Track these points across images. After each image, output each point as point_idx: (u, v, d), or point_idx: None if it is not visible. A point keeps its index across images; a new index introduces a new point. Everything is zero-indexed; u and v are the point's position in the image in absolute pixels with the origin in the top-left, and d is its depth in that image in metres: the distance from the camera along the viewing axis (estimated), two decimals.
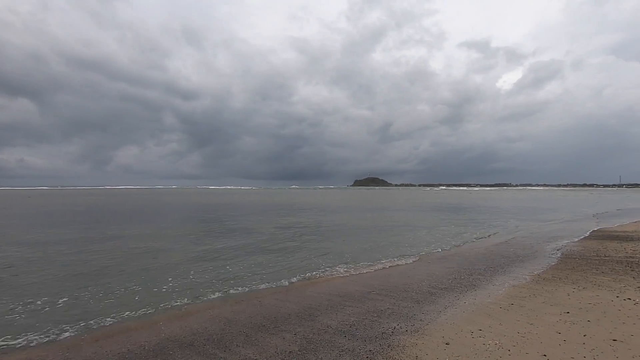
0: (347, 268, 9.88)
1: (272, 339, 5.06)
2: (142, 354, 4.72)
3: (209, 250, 12.41)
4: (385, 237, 16.00)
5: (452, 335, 4.94)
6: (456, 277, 8.44)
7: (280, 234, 16.94)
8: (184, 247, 13.09)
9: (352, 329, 5.37)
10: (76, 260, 10.75)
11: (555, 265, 9.47)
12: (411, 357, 4.35)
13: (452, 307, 6.28)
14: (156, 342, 5.08)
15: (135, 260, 10.74)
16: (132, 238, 15.34)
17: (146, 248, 12.88)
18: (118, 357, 4.65)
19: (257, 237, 15.83)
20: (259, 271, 9.48)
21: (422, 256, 11.48)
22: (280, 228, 19.27)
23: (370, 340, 4.91)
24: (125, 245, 13.40)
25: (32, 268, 9.79)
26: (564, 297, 6.58)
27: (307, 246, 13.41)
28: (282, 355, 4.56)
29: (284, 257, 11.32)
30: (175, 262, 10.60)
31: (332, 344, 4.86)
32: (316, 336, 5.14)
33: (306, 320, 5.84)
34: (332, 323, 5.65)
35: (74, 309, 6.62)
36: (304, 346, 4.81)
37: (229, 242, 14.36)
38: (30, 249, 12.74)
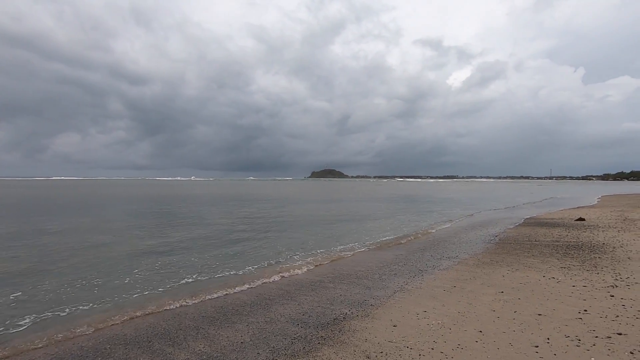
0: (302, 257, 9.95)
1: (223, 331, 4.98)
2: (82, 354, 4.41)
3: (158, 244, 11.84)
4: (341, 227, 16.33)
5: (400, 318, 5.19)
6: (406, 264, 8.85)
7: (235, 225, 16.60)
8: (129, 242, 12.35)
9: (304, 317, 5.43)
10: (4, 257, 9.71)
11: (494, 249, 10.28)
12: (361, 340, 4.50)
13: (400, 291, 6.58)
14: (98, 341, 4.77)
15: (73, 257, 9.94)
16: (70, 232, 14.17)
17: (86, 243, 11.96)
18: (51, 358, 4.30)
19: (210, 229, 15.38)
20: (212, 263, 9.24)
21: (374, 244, 11.88)
22: (235, 220, 18.87)
23: (323, 327, 5.01)
24: (62, 240, 12.34)
25: None
26: (500, 278, 7.17)
27: (263, 237, 13.29)
28: (235, 345, 4.50)
29: (239, 249, 11.12)
30: (118, 257, 9.98)
31: (285, 332, 4.88)
32: (269, 325, 5.14)
33: (260, 310, 5.81)
34: (286, 312, 5.68)
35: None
36: (256, 335, 4.79)
37: (180, 235, 13.81)
38: None
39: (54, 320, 5.59)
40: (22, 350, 4.56)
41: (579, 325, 4.70)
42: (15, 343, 4.81)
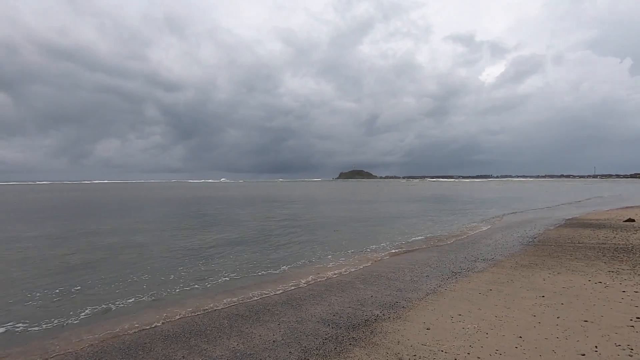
0: (333, 258, 9.95)
1: (256, 329, 5.07)
2: (125, 347, 4.65)
3: (193, 245, 12.26)
4: (371, 228, 16.17)
5: (433, 321, 5.06)
6: (438, 265, 8.62)
7: (267, 226, 16.88)
8: (166, 242, 12.89)
9: (335, 318, 5.43)
10: (48, 258, 10.43)
11: (533, 252, 9.78)
12: (393, 342, 4.43)
13: (433, 293, 6.42)
14: (139, 335, 5.01)
15: (116, 256, 10.51)
16: (112, 233, 14.99)
17: (128, 243, 12.61)
18: (96, 353, 4.56)
19: (242, 230, 15.73)
20: (244, 263, 9.44)
21: (405, 245, 11.66)
22: (266, 221, 19.19)
23: (354, 328, 4.98)
24: (105, 240, 13.09)
25: (6, 266, 9.45)
26: (540, 282, 6.81)
27: (294, 238, 13.42)
28: (267, 344, 4.57)
29: (270, 249, 11.30)
30: (157, 256, 10.43)
31: (316, 332, 4.90)
32: (300, 325, 5.18)
33: (291, 309, 5.87)
34: (316, 312, 5.70)
35: (45, 309, 6.45)
36: (288, 334, 4.84)
37: (214, 235, 14.22)
38: (4, 245, 12.29)
39: (101, 315, 5.93)
40: (71, 343, 4.87)
41: (631, 333, 4.37)
42: (67, 334, 5.14)
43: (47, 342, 4.91)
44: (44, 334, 5.22)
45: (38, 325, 5.52)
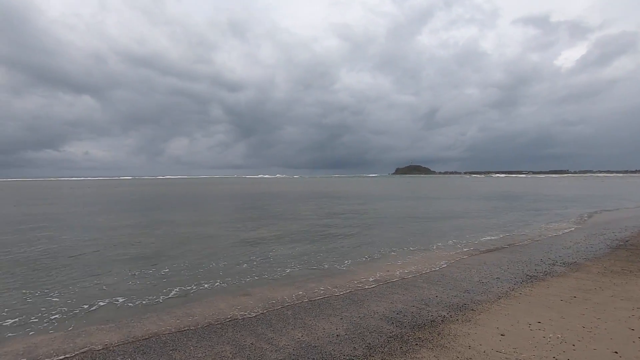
0: (394, 256, 9.73)
1: (319, 323, 5.13)
2: (198, 329, 5.00)
3: (256, 236, 12.83)
4: (432, 225, 15.53)
5: (508, 327, 4.69)
6: (509, 267, 7.98)
7: (324, 221, 17.06)
8: (230, 233, 13.65)
9: (399, 316, 5.29)
10: (133, 245, 11.62)
11: (625, 256, 8.61)
12: (463, 346, 4.19)
13: (506, 297, 5.96)
14: (212, 320, 5.36)
15: (187, 245, 11.39)
16: (182, 224, 16.28)
17: (196, 233, 13.61)
18: (173, 334, 4.97)
19: (301, 224, 16.09)
20: (304, 257, 9.63)
21: (472, 244, 10.98)
22: (324, 216, 19.41)
23: (419, 328, 4.81)
24: (177, 231, 14.25)
25: (97, 249, 10.75)
26: (637, 291, 5.97)
27: (352, 233, 13.40)
28: (330, 337, 4.60)
29: (328, 244, 11.40)
30: (224, 247, 11.08)
31: (380, 329, 4.82)
32: (363, 321, 5.13)
33: (353, 305, 5.85)
34: (379, 309, 5.61)
35: (131, 291, 7.18)
36: (351, 330, 4.82)
37: (276, 228, 14.74)
38: (96, 233, 13.99)
39: (178, 298, 6.46)
40: (154, 323, 5.37)
41: None
42: (151, 315, 5.69)
43: (135, 319, 5.48)
44: (133, 311, 5.82)
45: (130, 302, 6.18)
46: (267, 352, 4.27)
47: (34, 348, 4.56)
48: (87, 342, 4.69)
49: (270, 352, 4.25)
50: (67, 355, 4.33)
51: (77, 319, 5.57)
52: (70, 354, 4.34)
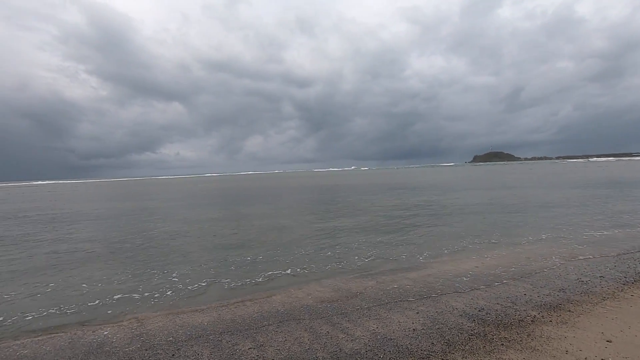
0: (474, 249, 9.14)
1: (394, 315, 5.07)
2: (278, 315, 5.31)
3: (329, 228, 13.10)
4: (519, 217, 14.17)
5: (616, 333, 4.09)
6: (618, 264, 6.93)
7: (397, 213, 16.69)
8: (305, 225, 14.13)
9: (481, 313, 4.96)
10: (218, 235, 12.74)
11: None
12: (559, 350, 3.77)
13: (613, 299, 5.19)
14: (290, 306, 5.65)
15: (265, 235, 12.12)
16: (260, 216, 17.34)
17: (273, 225, 14.38)
18: (256, 320, 5.34)
19: (374, 216, 15.97)
20: (378, 248, 9.57)
21: (568, 238, 9.77)
22: (397, 207, 19.00)
23: (505, 327, 4.46)
24: (255, 223, 15.23)
25: (187, 239, 12.03)
26: None
27: (428, 225, 12.90)
28: (406, 331, 4.52)
29: (403, 236, 11.14)
30: (298, 238, 11.53)
31: (460, 326, 4.58)
32: (441, 317, 4.93)
33: (428, 299, 5.65)
34: (458, 305, 5.33)
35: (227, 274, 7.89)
36: (428, 325, 4.67)
37: (347, 220, 14.88)
38: (186, 224, 15.67)
39: (256, 285, 6.94)
40: (238, 307, 5.84)
41: None
42: (235, 300, 6.21)
43: (223, 302, 6.04)
44: (221, 295, 6.42)
45: (217, 287, 6.84)
46: (343, 341, 4.37)
47: (143, 322, 5.32)
48: (184, 321, 5.32)
49: (345, 342, 4.34)
50: (170, 330, 4.96)
51: (175, 300, 6.34)
52: (172, 330, 4.97)
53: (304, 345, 4.30)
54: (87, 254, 10.40)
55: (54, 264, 9.34)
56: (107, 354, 4.39)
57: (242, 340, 4.54)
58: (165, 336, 4.80)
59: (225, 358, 4.09)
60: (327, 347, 4.23)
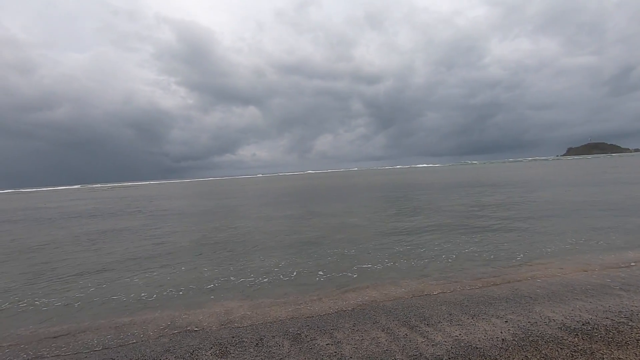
0: (570, 253, 8.08)
1: (479, 323, 4.71)
2: (353, 315, 5.31)
3: (401, 227, 12.74)
4: (625, 219, 12.16)
5: None
6: None
7: (477, 213, 15.54)
8: (377, 224, 13.94)
9: (586, 328, 4.35)
10: (293, 232, 13.23)
11: None
12: None
13: None
14: (364, 307, 5.62)
15: (336, 234, 12.24)
16: (331, 215, 17.57)
17: (345, 223, 14.47)
18: (332, 317, 5.41)
19: (450, 215, 15.09)
20: (456, 250, 9.01)
21: None
22: (476, 207, 17.71)
23: (619, 347, 3.83)
24: (326, 221, 15.48)
25: (265, 235, 12.71)
26: None
27: (513, 226, 11.77)
28: (494, 341, 4.16)
29: (483, 237, 10.34)
30: (370, 236, 11.41)
31: (559, 340, 4.07)
32: (534, 328, 4.44)
33: (519, 308, 5.13)
34: (556, 317, 4.74)
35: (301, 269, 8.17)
36: (519, 336, 4.24)
37: (420, 219, 14.31)
38: (261, 222, 16.58)
39: (330, 283, 7.03)
40: (315, 302, 5.99)
41: None
42: (309, 296, 6.39)
43: (300, 297, 6.25)
44: (298, 290, 6.65)
45: (294, 282, 7.11)
46: (422, 345, 4.19)
47: (230, 311, 5.76)
48: (266, 312, 5.63)
49: (425, 346, 4.15)
50: (253, 321, 5.29)
51: (257, 292, 6.74)
52: (255, 320, 5.30)
53: (381, 346, 4.22)
54: (181, 247, 11.66)
55: (159, 254, 10.65)
56: (201, 337, 4.85)
57: (319, 335, 4.64)
58: (250, 325, 5.14)
59: (304, 351, 4.22)
60: (406, 350, 4.09)
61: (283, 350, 4.27)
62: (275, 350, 4.28)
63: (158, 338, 4.90)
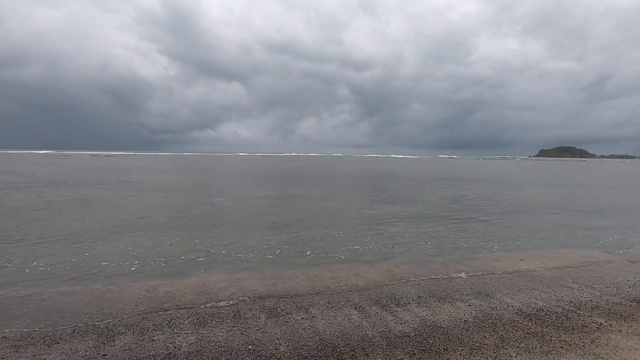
0: (533, 247, 8.64)
1: (444, 305, 5.06)
2: (327, 292, 5.55)
3: (377, 215, 13.10)
4: (585, 219, 13.00)
5: None
6: None
7: (451, 205, 16.13)
8: (355, 210, 14.25)
9: (539, 314, 4.76)
10: (271, 213, 13.33)
11: None
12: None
13: None
14: (340, 285, 5.87)
15: (316, 217, 12.46)
16: (310, 198, 17.76)
17: (323, 207, 14.70)
18: (308, 288, 5.63)
19: (425, 206, 15.61)
20: (428, 238, 9.42)
21: None
22: (450, 199, 18.36)
23: (566, 331, 4.25)
24: (306, 204, 15.67)
25: (245, 214, 12.77)
26: None
27: (483, 219, 12.36)
28: (457, 321, 4.50)
29: (455, 228, 10.82)
30: (348, 221, 11.70)
31: (515, 323, 4.45)
32: (494, 312, 4.82)
33: (480, 294, 5.53)
34: (514, 303, 5.15)
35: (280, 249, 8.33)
36: (480, 318, 4.60)
37: (397, 208, 14.73)
38: (242, 201, 16.58)
39: (309, 262, 7.25)
40: (294, 279, 6.18)
41: None
42: (294, 276, 6.58)
43: (277, 274, 6.43)
44: (276, 267, 6.83)
45: (273, 260, 7.28)
46: (392, 323, 4.47)
47: (207, 282, 5.87)
48: (243, 285, 5.78)
49: (394, 324, 4.44)
50: (231, 292, 5.44)
51: (234, 266, 6.86)
52: (233, 292, 5.44)
53: (353, 322, 4.48)
54: (160, 219, 11.55)
55: (137, 227, 10.52)
56: (178, 304, 4.97)
57: (295, 310, 4.85)
58: (227, 296, 5.29)
59: (280, 323, 4.42)
60: (377, 326, 4.37)
61: (259, 322, 4.45)
62: (252, 322, 4.45)
63: (136, 306, 4.97)
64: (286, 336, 4.09)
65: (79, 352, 3.71)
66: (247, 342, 3.94)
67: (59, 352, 3.71)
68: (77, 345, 3.86)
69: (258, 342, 3.96)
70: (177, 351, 3.74)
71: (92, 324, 4.40)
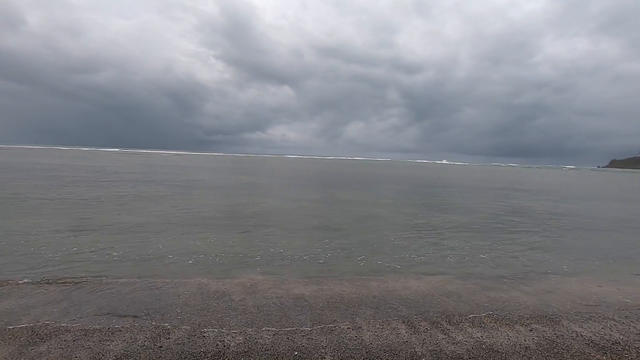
0: (604, 270, 7.75)
1: (501, 327, 4.68)
2: (374, 302, 5.41)
3: (426, 223, 12.60)
4: None
5: None
6: None
7: (507, 218, 15.07)
8: (402, 217, 13.85)
9: (615, 348, 4.22)
10: (317, 216, 13.40)
11: None
12: None
13: None
14: (387, 296, 5.69)
15: (358, 222, 12.30)
16: (355, 203, 17.59)
17: (367, 213, 14.47)
18: (345, 300, 5.52)
19: (477, 216, 14.74)
20: (484, 253, 8.85)
21: None
22: (506, 211, 17.17)
23: None
24: (349, 208, 15.53)
25: (288, 216, 12.96)
26: None
27: (544, 235, 11.36)
28: (516, 347, 4.13)
29: (516, 243, 10.06)
30: (394, 229, 11.39)
31: (585, 355, 3.98)
32: (560, 340, 4.36)
33: (544, 318, 5.03)
34: (584, 333, 4.62)
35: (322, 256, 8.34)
36: (543, 346, 4.18)
37: (447, 217, 14.08)
38: (287, 202, 16.87)
39: (353, 269, 7.15)
40: (344, 284, 6.13)
41: None
42: (331, 281, 6.54)
43: (322, 279, 6.41)
44: (320, 270, 6.82)
45: (316, 263, 7.29)
46: (443, 341, 4.23)
47: (255, 283, 6.01)
48: (289, 288, 5.83)
49: (446, 343, 4.19)
50: (278, 294, 5.51)
51: (280, 268, 6.96)
52: (279, 294, 5.50)
53: (401, 337, 4.30)
54: (209, 219, 12.13)
55: (188, 223, 11.16)
56: (228, 302, 5.13)
57: (340, 318, 4.78)
58: (273, 298, 5.36)
59: (326, 331, 4.37)
60: (426, 344, 4.15)
61: (305, 328, 4.44)
62: (298, 328, 4.46)
63: (188, 301, 5.22)
64: (332, 345, 4.04)
65: (138, 342, 3.96)
66: (293, 348, 3.94)
67: (121, 340, 3.99)
68: (136, 334, 4.13)
69: (304, 348, 3.94)
70: (226, 350, 3.85)
71: (150, 315, 4.69)
